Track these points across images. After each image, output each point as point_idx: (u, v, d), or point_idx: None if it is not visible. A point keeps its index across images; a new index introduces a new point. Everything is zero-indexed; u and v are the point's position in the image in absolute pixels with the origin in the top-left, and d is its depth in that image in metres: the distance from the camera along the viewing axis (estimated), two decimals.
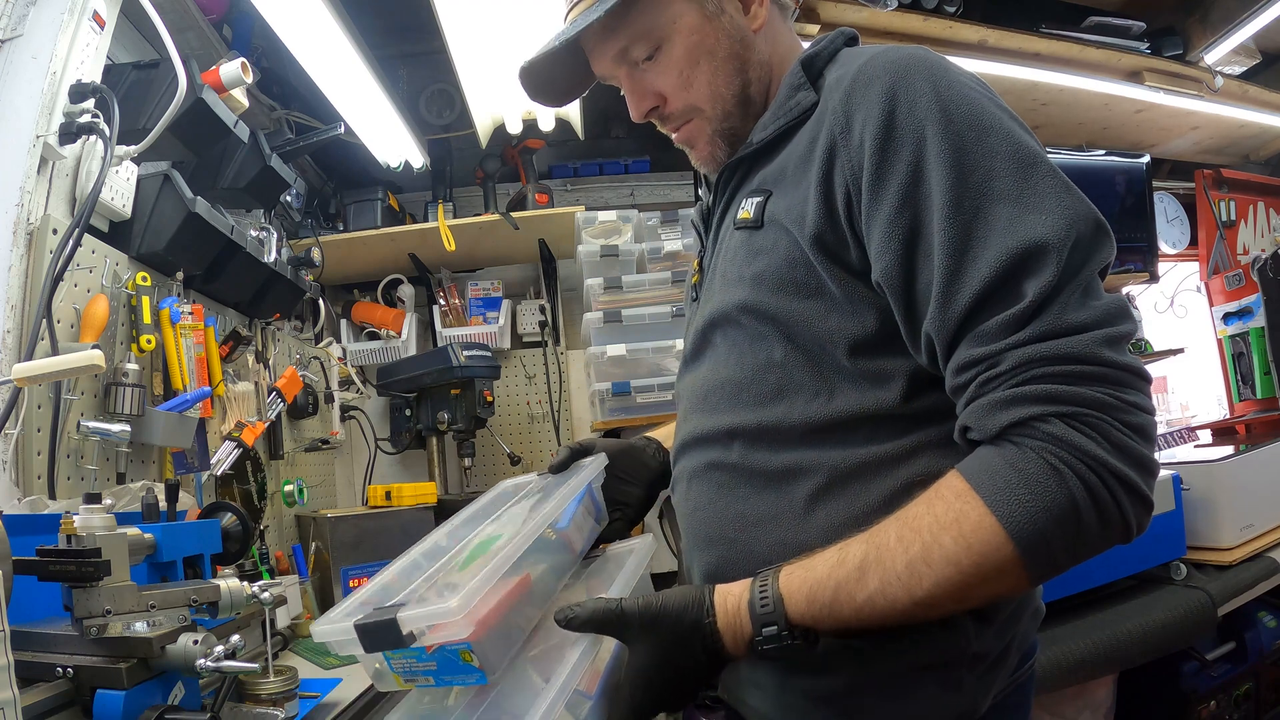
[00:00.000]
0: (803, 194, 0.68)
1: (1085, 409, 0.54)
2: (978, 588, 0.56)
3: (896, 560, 0.57)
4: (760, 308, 0.71)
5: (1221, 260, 2.85)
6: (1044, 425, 0.55)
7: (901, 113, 0.62)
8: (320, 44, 1.46)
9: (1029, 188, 0.60)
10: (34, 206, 1.04)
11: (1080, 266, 0.58)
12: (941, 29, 1.88)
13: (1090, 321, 0.56)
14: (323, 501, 2.04)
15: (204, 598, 0.85)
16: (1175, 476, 1.77)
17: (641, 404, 1.98)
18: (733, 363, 0.75)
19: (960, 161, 0.60)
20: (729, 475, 0.74)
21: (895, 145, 0.62)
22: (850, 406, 0.67)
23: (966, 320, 0.59)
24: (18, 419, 0.96)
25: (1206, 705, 1.74)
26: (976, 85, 0.65)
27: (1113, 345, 0.56)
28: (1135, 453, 0.54)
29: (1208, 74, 2.26)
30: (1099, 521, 0.54)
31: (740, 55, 0.78)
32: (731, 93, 0.78)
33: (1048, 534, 0.54)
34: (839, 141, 0.65)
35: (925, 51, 0.67)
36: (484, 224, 2.09)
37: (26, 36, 1.08)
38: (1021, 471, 0.55)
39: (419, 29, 1.93)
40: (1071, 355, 0.55)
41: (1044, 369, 0.55)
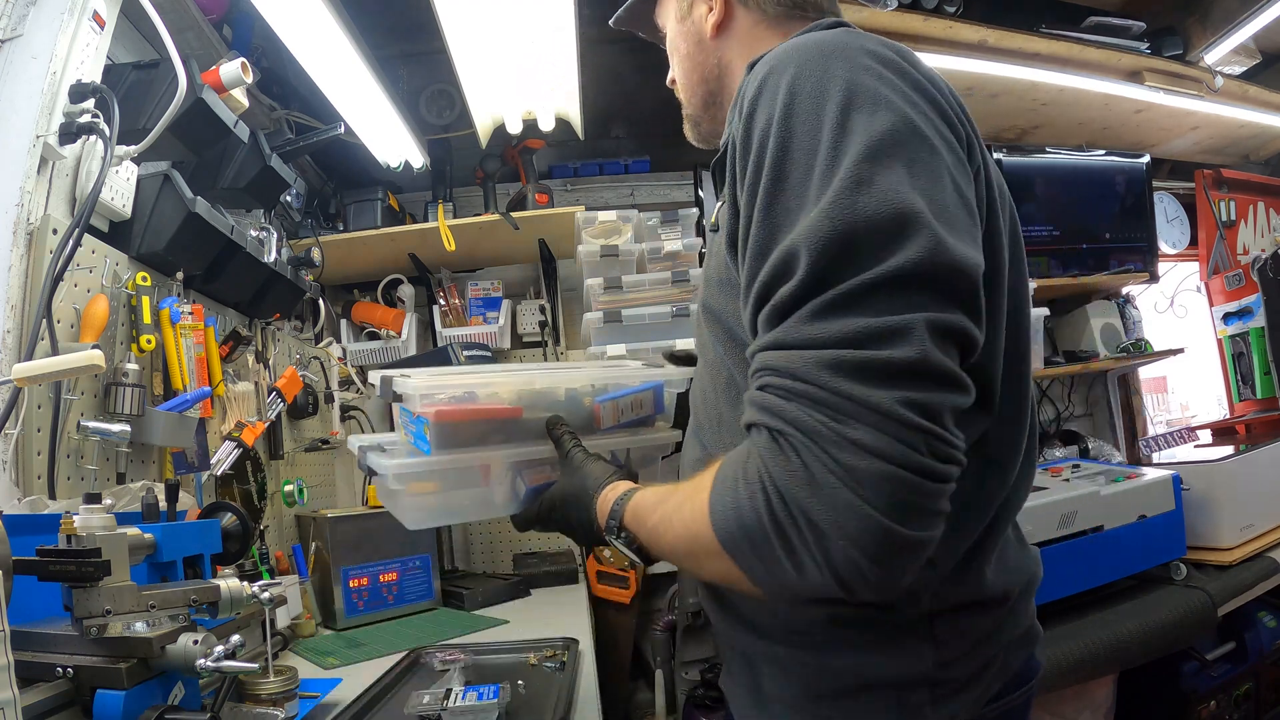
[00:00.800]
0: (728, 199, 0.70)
1: (795, 431, 0.50)
2: (703, 559, 0.59)
3: (669, 503, 0.64)
4: (709, 307, 0.75)
5: (1221, 260, 2.85)
6: (758, 436, 0.53)
7: (759, 111, 0.59)
8: (320, 44, 1.46)
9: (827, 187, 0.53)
10: (34, 206, 1.04)
11: (842, 275, 0.51)
12: (942, 29, 1.88)
13: (826, 339, 0.50)
14: (323, 501, 2.04)
15: (204, 598, 0.84)
16: (1175, 476, 1.77)
17: None
18: (702, 363, 0.80)
19: (779, 160, 0.56)
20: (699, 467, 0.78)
21: (747, 143, 0.60)
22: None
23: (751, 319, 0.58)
24: (18, 419, 0.96)
25: (1206, 705, 1.74)
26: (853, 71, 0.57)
27: (842, 369, 0.49)
28: (833, 496, 0.48)
29: (1208, 74, 2.26)
30: (785, 553, 0.51)
31: (696, 57, 0.87)
32: (692, 85, 0.89)
33: (738, 540, 0.53)
34: (732, 133, 0.64)
35: (810, 42, 0.62)
36: (484, 224, 2.09)
37: (26, 36, 1.08)
38: (737, 474, 0.54)
39: (419, 29, 1.93)
40: (788, 370, 0.51)
41: (769, 378, 0.53)
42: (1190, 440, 2.46)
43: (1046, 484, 1.80)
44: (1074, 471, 1.92)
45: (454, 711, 0.99)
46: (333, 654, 1.39)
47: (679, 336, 1.95)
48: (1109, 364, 2.47)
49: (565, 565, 2.08)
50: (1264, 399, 2.60)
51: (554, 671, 1.21)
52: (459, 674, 1.15)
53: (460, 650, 1.27)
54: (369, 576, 1.66)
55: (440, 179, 2.27)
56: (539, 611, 1.71)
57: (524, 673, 1.20)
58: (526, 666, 1.24)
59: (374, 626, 1.61)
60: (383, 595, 1.68)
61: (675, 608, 2.21)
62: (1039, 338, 2.18)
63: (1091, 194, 2.59)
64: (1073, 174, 2.56)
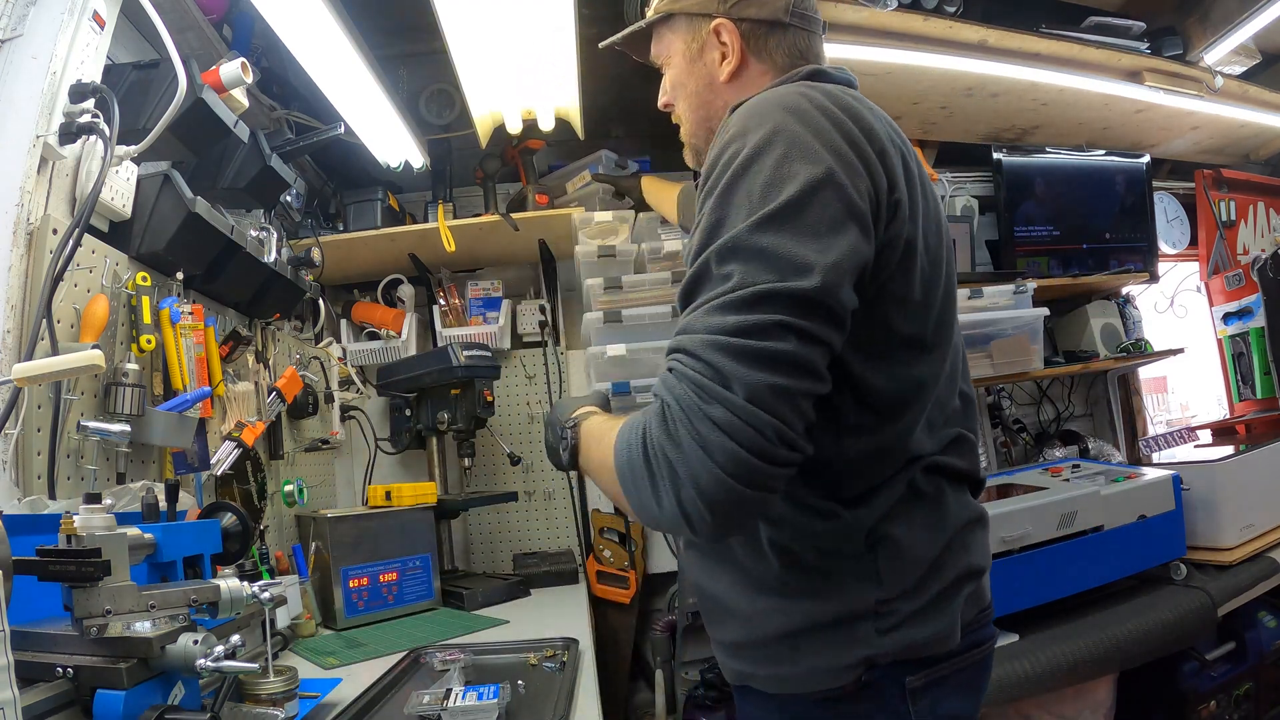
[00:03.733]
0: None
1: (674, 404, 0.64)
2: (606, 478, 0.74)
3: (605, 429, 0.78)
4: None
5: (1221, 260, 2.85)
6: (655, 403, 0.67)
7: (720, 157, 0.73)
8: (320, 44, 1.46)
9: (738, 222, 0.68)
10: (34, 206, 1.04)
11: (741, 285, 0.65)
12: (942, 29, 1.88)
13: (716, 326, 0.65)
14: (323, 501, 2.04)
15: (204, 598, 0.85)
16: (1175, 476, 1.77)
17: (642, 404, 1.98)
18: None
19: (719, 197, 0.71)
20: None
21: (709, 173, 0.74)
22: None
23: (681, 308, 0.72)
24: (18, 419, 0.96)
25: (1206, 705, 1.74)
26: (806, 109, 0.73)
27: (721, 349, 0.63)
28: (689, 454, 0.63)
29: (1208, 74, 2.26)
30: (651, 488, 0.65)
31: (704, 97, 0.95)
32: (697, 121, 0.98)
33: (624, 470, 0.69)
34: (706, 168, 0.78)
35: (763, 101, 0.77)
36: (484, 224, 2.09)
37: (26, 36, 1.08)
38: (636, 422, 0.68)
39: (419, 29, 1.93)
40: (688, 349, 0.65)
41: (673, 360, 0.67)
42: (1190, 440, 2.46)
43: (1046, 484, 1.80)
44: (1074, 471, 1.92)
45: (454, 711, 0.99)
46: (333, 654, 1.39)
47: None
48: (1109, 364, 2.47)
49: (565, 565, 2.08)
50: (1264, 399, 2.60)
51: (554, 671, 1.21)
52: (459, 674, 1.16)
53: (460, 650, 1.27)
54: (369, 576, 1.66)
55: (440, 179, 2.27)
56: (539, 611, 1.71)
57: (524, 673, 1.20)
58: (526, 666, 1.25)
59: (374, 626, 1.61)
60: (383, 595, 1.68)
61: (675, 608, 2.21)
62: (1038, 337, 2.18)
63: (1091, 194, 2.59)
64: (1073, 174, 2.56)
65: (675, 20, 0.96)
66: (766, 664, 0.82)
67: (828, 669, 0.77)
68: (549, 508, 2.33)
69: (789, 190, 0.67)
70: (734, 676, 0.87)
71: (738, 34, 0.90)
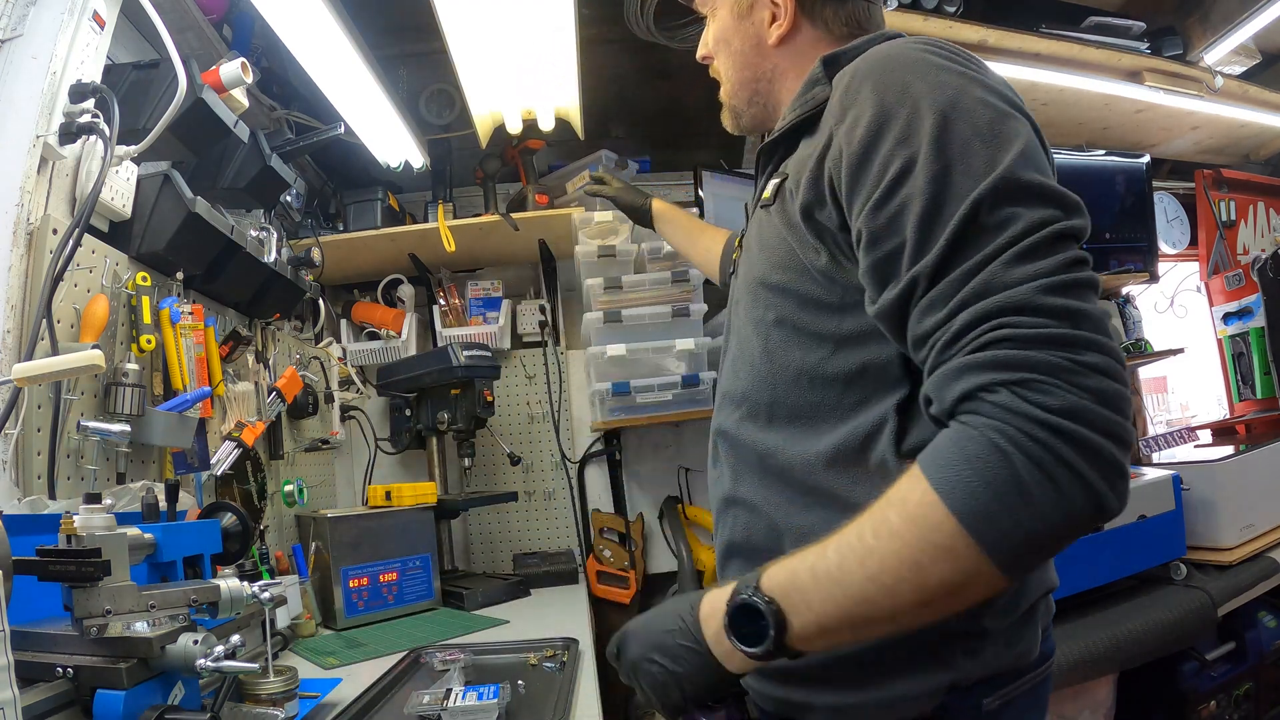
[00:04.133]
0: (799, 175, 0.74)
1: (1034, 375, 0.53)
2: (929, 568, 0.55)
3: (850, 534, 0.59)
4: (770, 279, 0.79)
5: (1221, 260, 2.85)
6: (991, 396, 0.54)
7: (887, 102, 0.65)
8: (320, 44, 1.46)
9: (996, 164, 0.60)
10: (34, 206, 1.04)
11: (1027, 231, 0.57)
12: (941, 29, 1.87)
13: (1031, 273, 0.56)
14: (323, 501, 2.04)
15: (204, 598, 0.85)
16: (1175, 476, 1.77)
17: (642, 404, 1.98)
18: (748, 331, 0.82)
19: (934, 144, 0.61)
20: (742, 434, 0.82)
21: (878, 132, 0.65)
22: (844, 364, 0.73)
23: (920, 290, 0.61)
24: (18, 419, 0.96)
25: (1206, 705, 1.74)
26: (959, 67, 0.66)
27: (1058, 291, 0.55)
28: (1091, 416, 0.52)
29: (1208, 74, 2.25)
30: (1053, 492, 0.52)
31: (749, 58, 0.91)
32: (739, 81, 0.93)
33: (991, 509, 0.53)
34: (834, 132, 0.70)
35: (920, 41, 0.71)
36: (484, 224, 2.09)
37: (26, 36, 1.08)
38: (964, 449, 0.54)
39: (419, 29, 1.93)
40: (1011, 306, 0.55)
41: (992, 332, 0.55)
42: (1190, 440, 2.46)
43: None
44: None
45: (454, 711, 0.99)
46: (333, 654, 1.39)
47: (679, 336, 1.95)
48: None
49: (565, 565, 2.08)
50: (1264, 399, 2.60)
51: (554, 671, 1.21)
52: (459, 674, 1.16)
53: (460, 650, 1.27)
54: (369, 576, 1.66)
55: (440, 179, 2.26)
56: (539, 611, 1.71)
57: (524, 673, 1.20)
58: (526, 666, 1.25)
59: (374, 626, 1.61)
60: (383, 595, 1.68)
61: None
62: None
63: (1091, 194, 2.58)
64: (1073, 174, 2.56)
65: None
66: (829, 691, 0.73)
67: (910, 696, 0.69)
68: (549, 508, 2.33)
69: (1014, 124, 0.62)
70: (777, 706, 0.77)
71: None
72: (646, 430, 2.33)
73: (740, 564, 0.82)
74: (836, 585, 0.59)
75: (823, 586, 0.60)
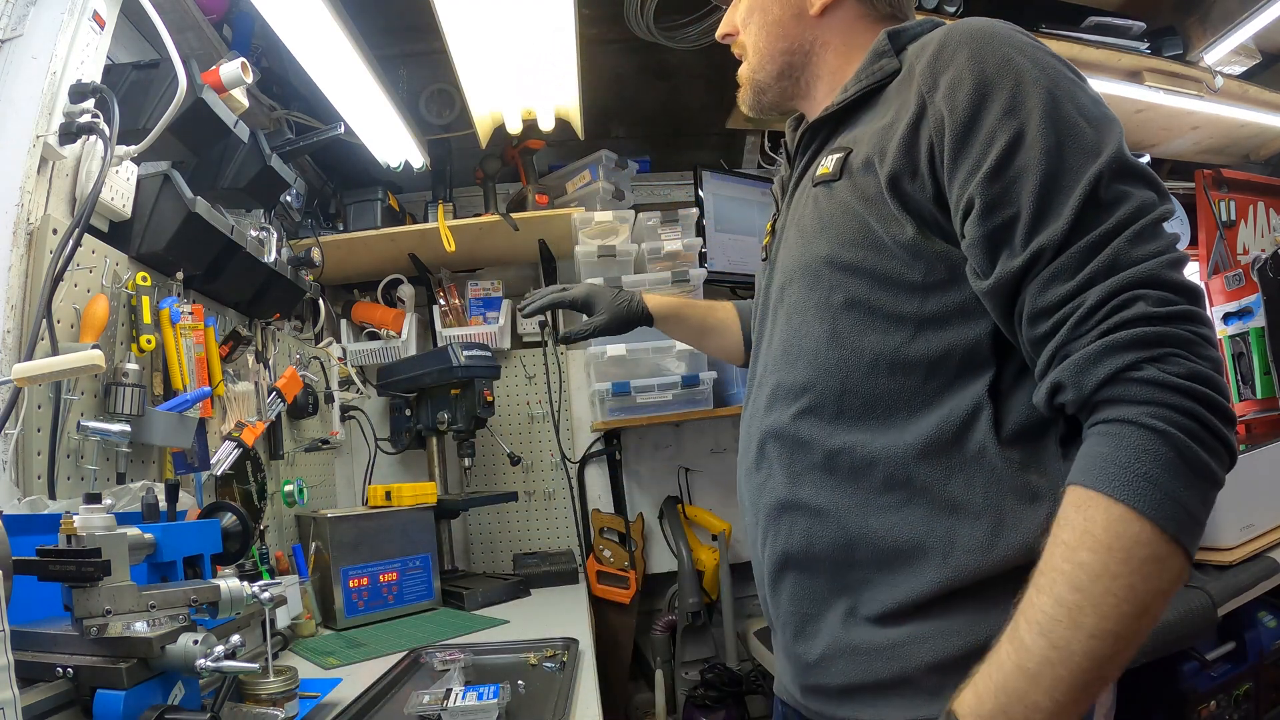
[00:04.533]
0: (883, 144, 0.71)
1: (1171, 349, 0.56)
2: (1143, 585, 0.53)
3: (1038, 606, 0.55)
4: (838, 257, 0.74)
5: (1221, 260, 2.85)
6: (1137, 373, 0.56)
7: (989, 71, 0.65)
8: (320, 44, 1.46)
9: (1104, 144, 0.62)
10: (34, 206, 1.04)
11: (1145, 210, 0.60)
12: None
13: (1153, 251, 0.59)
14: (323, 501, 2.04)
15: (204, 598, 0.85)
16: None
17: (641, 404, 1.99)
18: (807, 317, 0.77)
19: (1046, 118, 0.62)
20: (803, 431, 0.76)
21: (983, 101, 0.64)
22: (927, 347, 0.70)
23: (1044, 261, 0.61)
24: (18, 419, 0.96)
25: (1206, 705, 1.74)
26: (1049, 53, 0.67)
27: (1177, 267, 0.60)
28: (1216, 382, 0.56)
29: (1208, 74, 2.25)
30: (1208, 455, 0.54)
31: (788, 27, 0.86)
32: (771, 53, 0.88)
33: (1175, 492, 0.53)
34: (927, 99, 0.68)
35: (1000, 22, 0.70)
36: (484, 224, 2.09)
37: (26, 36, 1.08)
38: (1126, 443, 0.55)
39: (419, 29, 1.93)
40: (1140, 280, 0.58)
41: (1127, 308, 0.57)
42: None
43: None
44: None
45: (454, 711, 0.99)
46: (333, 654, 1.39)
47: None
48: None
49: (565, 565, 2.08)
50: (1264, 399, 2.60)
51: (554, 671, 1.21)
52: (459, 674, 1.16)
53: (460, 650, 1.27)
54: (369, 576, 1.66)
55: (440, 179, 2.27)
56: (539, 611, 1.71)
57: (524, 673, 1.20)
58: (526, 666, 1.25)
59: (374, 626, 1.61)
60: (383, 595, 1.68)
61: (675, 608, 2.21)
62: None
63: None
64: None
65: None
66: (901, 705, 0.68)
67: None
68: (549, 508, 2.33)
69: (1106, 109, 0.65)
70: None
71: None
72: (646, 430, 2.33)
73: (796, 577, 0.77)
74: (1060, 665, 0.53)
75: (1044, 677, 0.54)
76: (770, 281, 0.87)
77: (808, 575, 0.76)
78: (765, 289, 0.88)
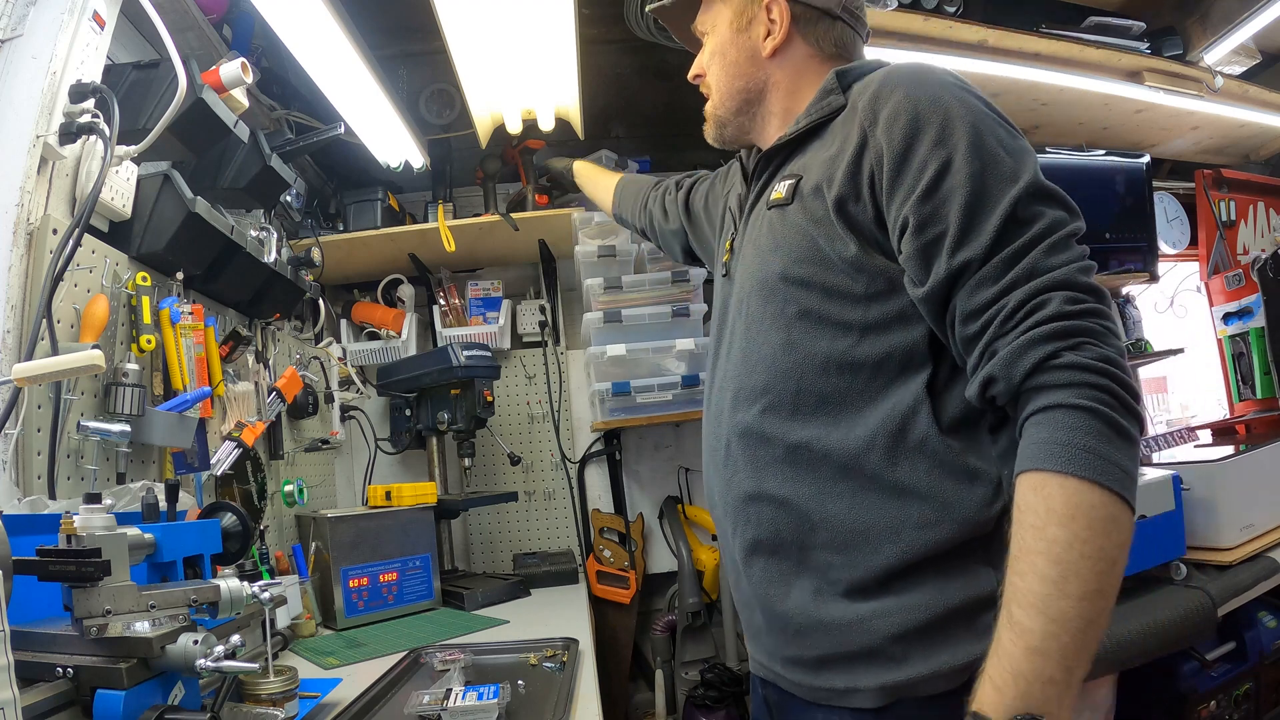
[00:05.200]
0: (831, 172, 0.81)
1: (1085, 338, 0.65)
2: (1108, 542, 0.61)
3: (1025, 586, 0.62)
4: (792, 273, 0.83)
5: (1221, 260, 2.85)
6: (1058, 360, 0.65)
7: (922, 109, 0.75)
8: (320, 44, 1.46)
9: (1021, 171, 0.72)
10: (34, 206, 1.04)
11: (1057, 227, 0.70)
12: (941, 29, 1.87)
13: (1065, 260, 0.68)
14: (323, 501, 2.04)
15: (204, 598, 0.85)
16: (1175, 476, 1.77)
17: (641, 404, 1.98)
18: (764, 326, 0.86)
19: (970, 148, 0.72)
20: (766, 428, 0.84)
21: (916, 134, 0.74)
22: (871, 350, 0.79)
23: (971, 270, 0.70)
24: (18, 419, 0.96)
25: (1206, 705, 1.74)
26: (972, 92, 0.78)
27: (1087, 273, 0.69)
28: (1123, 364, 0.65)
29: (1208, 74, 2.25)
30: (1127, 421, 0.63)
31: (744, 68, 0.97)
32: (730, 91, 0.98)
33: (1111, 456, 0.62)
34: (868, 132, 0.78)
35: (933, 65, 0.82)
36: (484, 224, 2.09)
37: (26, 36, 1.08)
38: (1059, 423, 0.64)
39: (419, 29, 1.93)
40: (1055, 284, 0.67)
41: (1044, 308, 0.66)
42: (1190, 440, 2.46)
43: None
44: None
45: (454, 711, 0.99)
46: (333, 654, 1.39)
47: (679, 336, 1.96)
48: None
49: (565, 565, 2.08)
50: (1264, 399, 2.60)
51: (554, 671, 1.21)
52: (459, 674, 1.16)
53: (460, 650, 1.27)
54: (369, 576, 1.66)
55: (440, 179, 2.26)
56: (539, 611, 1.71)
57: (524, 673, 1.20)
58: (526, 666, 1.25)
59: (374, 626, 1.61)
60: (383, 595, 1.68)
61: (675, 608, 2.21)
62: None
63: (1091, 194, 2.58)
64: (1073, 174, 2.56)
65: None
66: (874, 672, 0.76)
67: (951, 667, 0.72)
68: (549, 508, 2.33)
69: (1023, 143, 0.75)
70: (814, 695, 0.81)
71: (789, 13, 0.93)
72: (646, 430, 2.33)
73: (766, 560, 0.85)
74: (1062, 634, 0.60)
75: (1052, 650, 0.60)
76: (729, 295, 0.96)
77: (776, 559, 0.84)
78: (724, 302, 0.98)
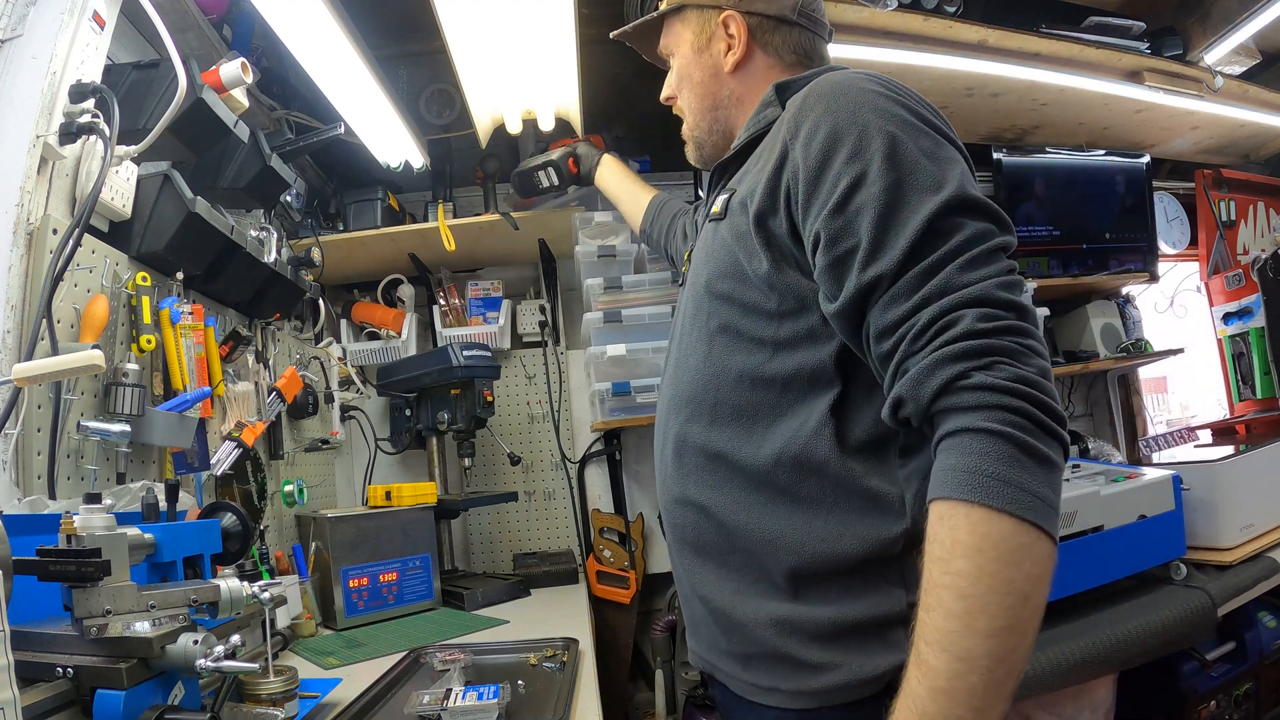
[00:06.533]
0: (754, 186, 0.81)
1: (998, 357, 0.61)
2: (1018, 574, 0.57)
3: (931, 624, 0.59)
4: (715, 287, 0.85)
5: (1221, 260, 2.85)
6: (965, 381, 0.61)
7: (840, 121, 0.73)
8: (320, 44, 1.46)
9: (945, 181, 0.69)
10: (34, 206, 1.04)
11: (978, 240, 0.66)
12: (941, 29, 1.87)
13: (983, 275, 0.65)
14: (323, 501, 2.04)
15: (204, 598, 0.85)
16: (1175, 476, 1.77)
17: (641, 404, 1.98)
18: (693, 338, 0.88)
19: (886, 160, 0.69)
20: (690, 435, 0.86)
21: (832, 147, 0.72)
22: (782, 366, 0.79)
23: (884, 286, 0.67)
24: (18, 419, 0.96)
25: (1206, 705, 1.74)
26: (897, 98, 0.75)
27: (1006, 288, 0.64)
28: (1042, 385, 0.61)
29: (1208, 74, 2.25)
30: (1042, 444, 0.59)
31: (709, 86, 0.99)
32: (700, 111, 1.01)
33: (1021, 482, 0.58)
34: (789, 146, 0.77)
35: (863, 74, 0.79)
36: (484, 224, 2.09)
37: (26, 36, 1.08)
38: (968, 449, 0.60)
39: (419, 29, 1.93)
40: (970, 300, 0.63)
41: (957, 325, 0.62)
42: (1190, 440, 2.46)
43: None
44: (1074, 471, 1.92)
45: (454, 711, 0.99)
46: (333, 654, 1.39)
47: None
48: (1109, 364, 2.47)
49: (565, 565, 2.08)
50: (1264, 399, 2.60)
51: (554, 671, 1.21)
52: (459, 674, 1.16)
53: (460, 650, 1.27)
54: (369, 576, 1.66)
55: (440, 179, 2.26)
56: (539, 611, 1.71)
57: (524, 673, 1.20)
58: (526, 666, 1.25)
59: (374, 626, 1.61)
60: (383, 595, 1.68)
61: (675, 608, 2.21)
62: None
63: (1091, 194, 2.58)
64: (1073, 174, 2.56)
65: (686, 12, 1.01)
66: (792, 676, 0.77)
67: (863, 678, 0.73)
68: (549, 508, 2.33)
69: (950, 151, 0.71)
70: (743, 689, 0.83)
71: (745, 26, 0.95)
72: (646, 430, 2.32)
73: (691, 561, 0.88)
74: (969, 673, 0.57)
75: (959, 690, 0.57)
76: (678, 305, 0.98)
77: (699, 560, 0.86)
78: (678, 311, 0.99)
